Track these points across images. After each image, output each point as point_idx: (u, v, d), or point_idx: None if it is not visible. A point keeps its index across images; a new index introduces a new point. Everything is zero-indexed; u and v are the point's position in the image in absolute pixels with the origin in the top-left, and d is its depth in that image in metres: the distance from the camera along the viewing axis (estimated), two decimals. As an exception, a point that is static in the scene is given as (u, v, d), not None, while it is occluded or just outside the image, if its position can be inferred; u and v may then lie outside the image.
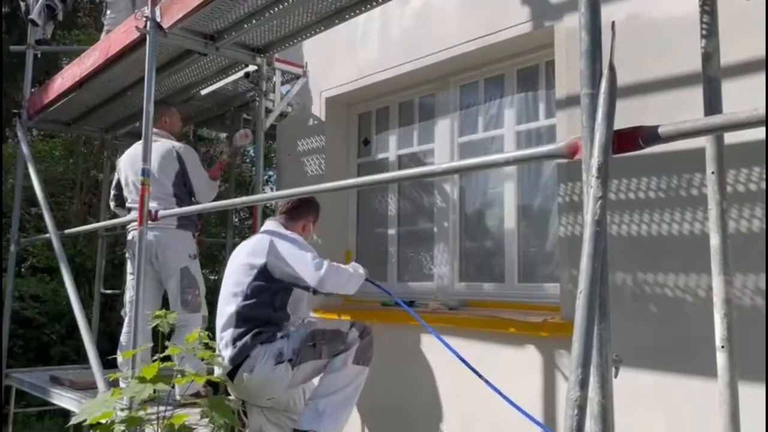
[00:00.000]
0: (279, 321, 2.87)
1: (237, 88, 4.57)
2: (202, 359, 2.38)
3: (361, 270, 3.01)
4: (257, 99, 4.11)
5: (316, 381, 2.94)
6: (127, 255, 3.88)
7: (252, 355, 2.74)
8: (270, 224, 3.13)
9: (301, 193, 2.65)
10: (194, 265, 3.81)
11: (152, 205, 3.53)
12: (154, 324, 2.43)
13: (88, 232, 6.06)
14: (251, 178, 4.13)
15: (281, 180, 4.85)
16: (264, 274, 2.83)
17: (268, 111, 4.14)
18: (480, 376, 2.76)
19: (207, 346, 2.45)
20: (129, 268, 3.93)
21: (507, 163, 1.71)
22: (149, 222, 3.35)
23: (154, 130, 3.84)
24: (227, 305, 2.88)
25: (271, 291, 2.84)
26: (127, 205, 3.95)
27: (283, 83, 4.29)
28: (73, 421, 2.25)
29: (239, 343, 2.76)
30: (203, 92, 4.55)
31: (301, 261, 2.81)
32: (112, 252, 7.31)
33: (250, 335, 2.76)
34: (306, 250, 2.89)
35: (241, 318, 2.81)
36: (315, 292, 2.85)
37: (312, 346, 2.78)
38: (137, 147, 3.87)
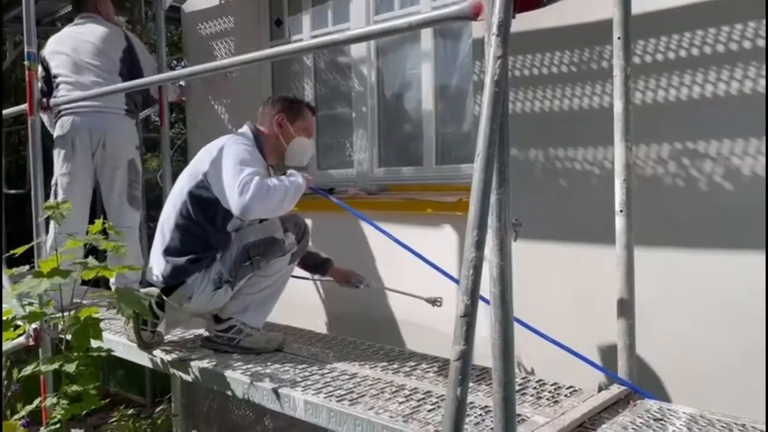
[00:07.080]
0: (218, 244, 2.59)
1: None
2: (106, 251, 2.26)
3: (300, 179, 2.53)
4: (155, -26, 3.77)
5: None
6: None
7: (189, 282, 2.55)
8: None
9: (205, 70, 2.46)
10: (138, 158, 3.57)
11: (92, 79, 3.36)
12: (45, 216, 2.27)
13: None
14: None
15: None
16: (204, 185, 2.53)
17: (168, -12, 3.81)
18: (407, 247, 2.71)
19: (108, 235, 2.31)
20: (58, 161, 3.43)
21: (410, 27, 1.62)
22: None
23: (89, 15, 3.58)
24: (172, 209, 2.62)
25: (212, 208, 2.53)
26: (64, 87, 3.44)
27: (183, -44, 3.92)
28: (-31, 319, 2.14)
29: (173, 261, 2.55)
30: (95, -32, 4.11)
31: (232, 177, 2.41)
32: (16, 152, 6.86)
33: (186, 259, 2.54)
34: (245, 165, 2.44)
35: (180, 229, 2.57)
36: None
37: (249, 264, 2.59)
38: (67, 30, 3.58)
